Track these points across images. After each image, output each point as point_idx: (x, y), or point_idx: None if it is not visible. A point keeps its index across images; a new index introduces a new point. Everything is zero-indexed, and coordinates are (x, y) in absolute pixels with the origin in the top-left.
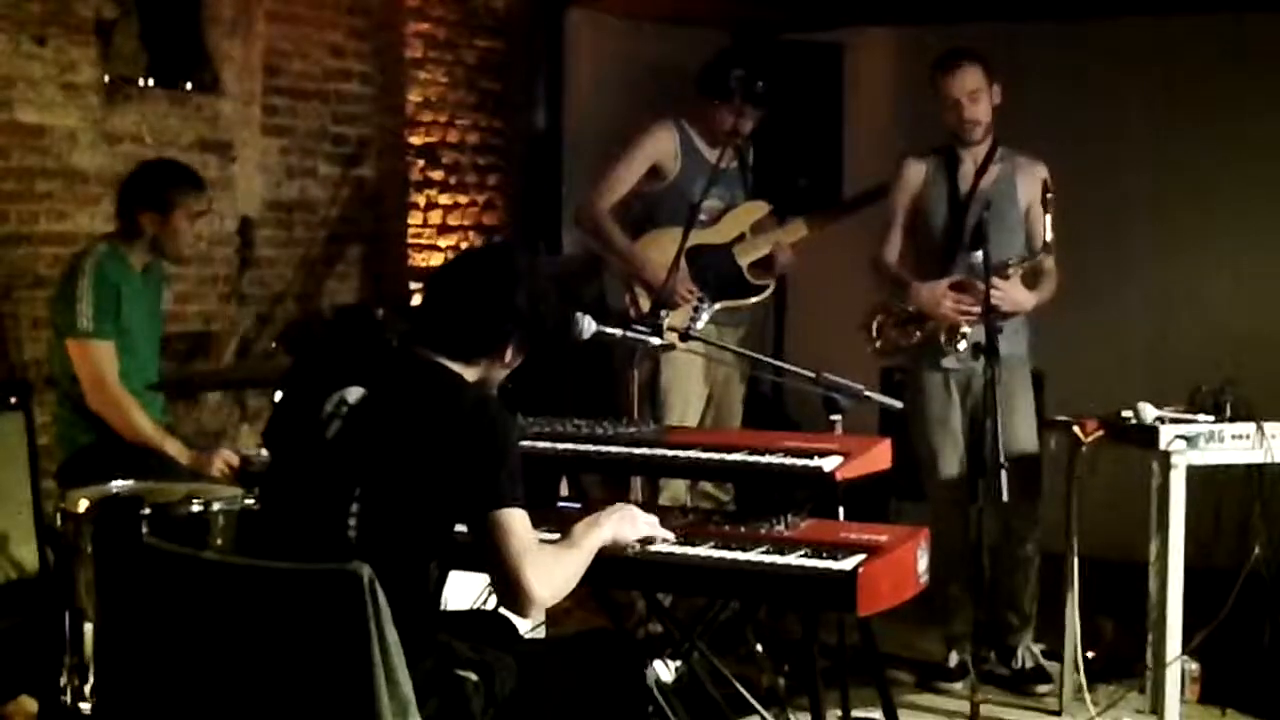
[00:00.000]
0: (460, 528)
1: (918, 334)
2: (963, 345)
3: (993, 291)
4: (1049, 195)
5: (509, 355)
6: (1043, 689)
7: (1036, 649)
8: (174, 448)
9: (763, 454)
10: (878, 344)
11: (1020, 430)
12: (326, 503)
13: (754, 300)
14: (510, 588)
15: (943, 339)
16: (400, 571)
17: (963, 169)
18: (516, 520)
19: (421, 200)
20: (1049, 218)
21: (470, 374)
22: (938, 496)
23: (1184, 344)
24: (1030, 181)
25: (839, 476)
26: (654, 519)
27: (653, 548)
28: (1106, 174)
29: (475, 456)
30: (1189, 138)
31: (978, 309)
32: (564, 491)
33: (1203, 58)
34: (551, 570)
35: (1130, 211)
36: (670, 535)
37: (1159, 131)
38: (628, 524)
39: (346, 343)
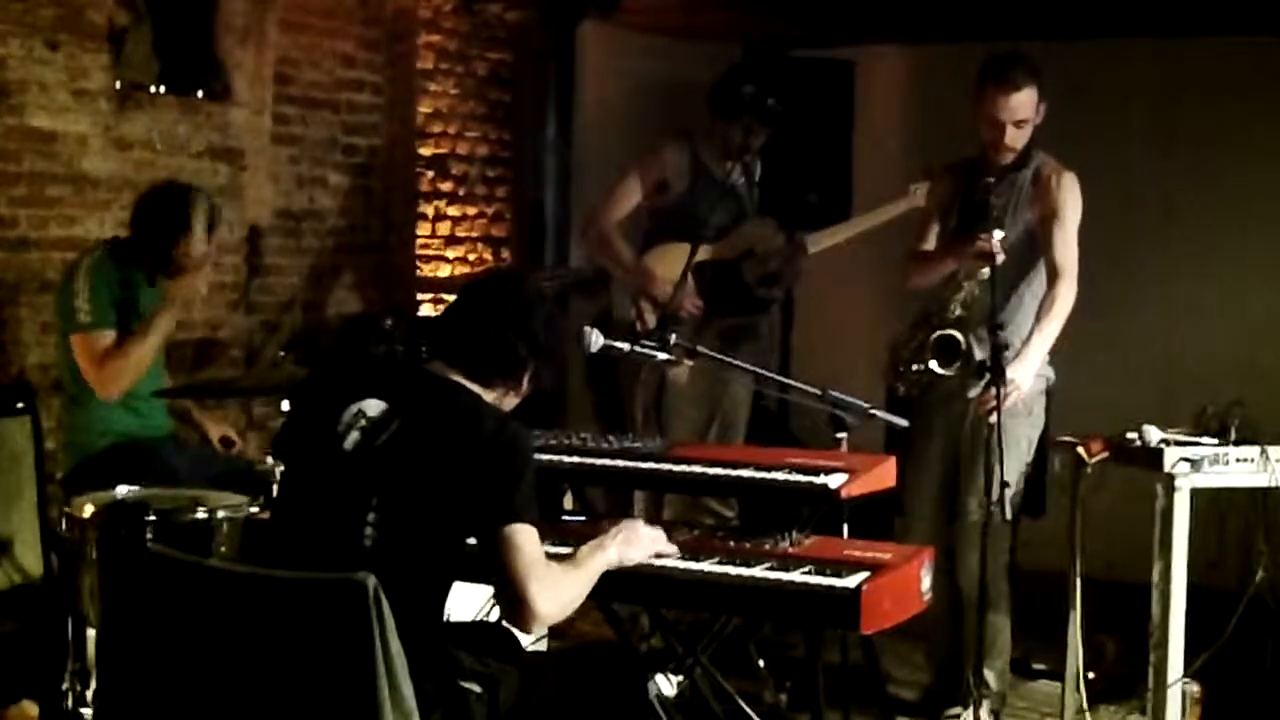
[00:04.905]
0: (471, 541)
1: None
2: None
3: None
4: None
5: (525, 384)
6: None
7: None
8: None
9: (768, 470)
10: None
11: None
12: (343, 511)
13: (759, 316)
14: (515, 603)
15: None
16: (412, 582)
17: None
18: (527, 537)
19: (430, 211)
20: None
21: (487, 396)
22: (905, 523)
23: (1190, 365)
24: (1049, 189)
25: (844, 494)
26: (659, 535)
27: (657, 561)
28: (1113, 192)
29: (493, 472)
30: (1198, 158)
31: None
32: (568, 504)
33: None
34: (557, 588)
35: (1137, 232)
36: (674, 550)
37: (1167, 151)
38: (632, 546)
39: (359, 355)
